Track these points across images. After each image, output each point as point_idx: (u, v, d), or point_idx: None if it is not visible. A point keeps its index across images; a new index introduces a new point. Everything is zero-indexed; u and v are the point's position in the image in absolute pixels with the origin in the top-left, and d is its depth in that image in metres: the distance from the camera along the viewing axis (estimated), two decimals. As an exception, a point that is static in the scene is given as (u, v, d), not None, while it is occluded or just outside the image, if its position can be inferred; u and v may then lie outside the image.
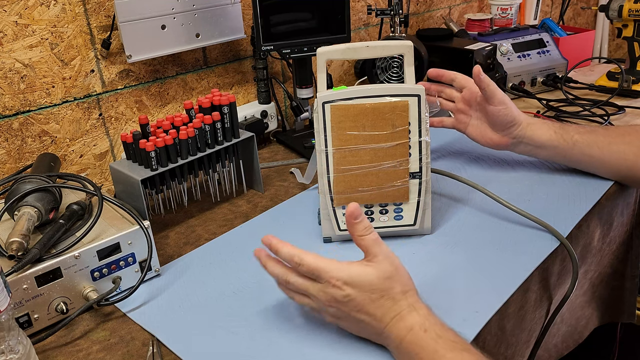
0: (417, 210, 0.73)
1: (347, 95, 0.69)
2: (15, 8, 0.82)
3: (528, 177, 0.89)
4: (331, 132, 0.70)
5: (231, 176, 0.91)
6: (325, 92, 0.69)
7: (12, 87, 0.85)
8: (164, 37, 0.97)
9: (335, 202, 0.72)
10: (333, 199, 0.72)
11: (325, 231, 0.75)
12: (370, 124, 0.69)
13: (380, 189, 0.71)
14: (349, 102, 0.69)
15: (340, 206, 0.72)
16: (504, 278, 0.66)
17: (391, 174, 0.71)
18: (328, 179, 0.71)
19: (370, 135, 0.69)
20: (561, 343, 0.86)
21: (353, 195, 0.71)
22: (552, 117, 1.12)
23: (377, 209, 0.73)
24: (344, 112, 0.69)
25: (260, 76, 1.14)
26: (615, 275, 0.95)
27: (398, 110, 0.69)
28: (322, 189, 0.72)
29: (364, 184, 0.71)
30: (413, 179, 0.71)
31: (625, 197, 0.88)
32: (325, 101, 0.69)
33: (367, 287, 0.54)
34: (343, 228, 0.73)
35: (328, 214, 0.73)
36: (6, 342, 0.49)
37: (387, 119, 0.69)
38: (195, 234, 0.83)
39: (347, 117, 0.69)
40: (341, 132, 0.69)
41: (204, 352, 0.59)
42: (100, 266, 0.66)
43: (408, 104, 0.69)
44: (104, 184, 0.99)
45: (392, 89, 0.69)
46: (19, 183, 0.68)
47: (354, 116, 0.69)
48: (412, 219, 0.73)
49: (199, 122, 0.81)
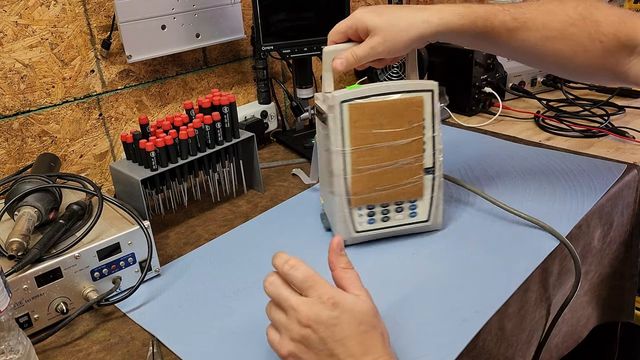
0: (430, 206, 0.73)
1: (365, 94, 0.67)
2: (15, 8, 0.82)
3: (529, 177, 0.89)
4: (349, 132, 0.68)
5: (231, 176, 0.91)
6: (342, 92, 0.67)
7: (12, 87, 0.85)
8: (164, 37, 0.97)
9: (352, 204, 0.70)
10: (350, 200, 0.70)
11: (340, 231, 0.72)
12: (387, 121, 0.68)
13: (397, 186, 0.70)
14: (367, 100, 0.67)
15: (356, 208, 0.71)
16: (504, 278, 0.66)
17: (407, 170, 0.70)
18: (345, 180, 0.69)
19: (387, 132, 0.68)
20: (562, 343, 0.86)
21: (370, 195, 0.70)
22: (552, 117, 1.12)
23: (392, 207, 0.72)
24: (361, 111, 0.67)
25: (260, 76, 1.14)
26: (615, 275, 0.95)
27: (414, 106, 0.68)
28: (338, 190, 0.70)
29: (381, 183, 0.70)
30: (427, 175, 0.71)
31: (625, 197, 0.88)
32: (343, 100, 0.67)
33: (358, 316, 0.49)
34: (359, 230, 0.72)
35: (344, 217, 0.71)
36: (6, 342, 0.49)
37: (403, 115, 0.68)
38: (195, 234, 0.83)
39: (365, 116, 0.67)
40: (358, 131, 0.68)
41: (204, 352, 0.59)
42: (100, 266, 0.66)
43: (423, 99, 0.68)
44: (104, 184, 0.99)
45: (406, 85, 0.68)
46: (19, 183, 0.68)
47: (372, 114, 0.68)
48: (426, 215, 0.73)
49: (199, 122, 0.81)
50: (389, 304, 0.63)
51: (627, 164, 0.91)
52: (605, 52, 0.66)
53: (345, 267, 0.52)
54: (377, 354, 0.48)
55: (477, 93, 1.19)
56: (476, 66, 1.16)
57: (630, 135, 1.01)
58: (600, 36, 0.65)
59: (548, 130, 1.09)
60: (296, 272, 0.50)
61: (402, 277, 0.68)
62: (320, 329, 0.48)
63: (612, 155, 0.96)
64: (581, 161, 0.93)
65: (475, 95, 1.19)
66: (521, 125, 1.14)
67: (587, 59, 0.67)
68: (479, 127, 1.15)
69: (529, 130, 1.11)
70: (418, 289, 0.65)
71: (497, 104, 1.21)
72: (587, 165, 0.92)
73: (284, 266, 0.51)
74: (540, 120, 1.13)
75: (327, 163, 0.71)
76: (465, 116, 1.21)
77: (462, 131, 1.12)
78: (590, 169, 0.90)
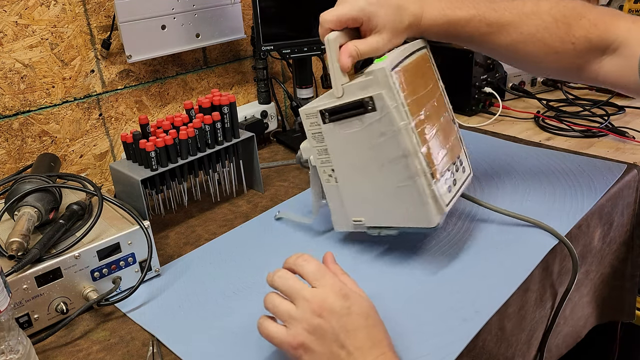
0: (466, 156, 0.72)
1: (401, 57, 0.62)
2: (15, 8, 0.82)
3: (529, 177, 0.89)
4: (406, 101, 0.60)
5: (231, 176, 0.91)
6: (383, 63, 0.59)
7: (12, 87, 0.85)
8: (164, 37, 0.97)
9: (436, 176, 0.61)
10: (433, 173, 0.61)
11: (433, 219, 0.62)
12: (420, 81, 0.64)
13: (450, 144, 0.67)
14: (404, 64, 0.62)
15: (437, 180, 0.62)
16: (504, 278, 0.66)
17: (449, 124, 0.68)
18: (422, 154, 0.60)
19: (427, 91, 0.65)
20: (562, 343, 0.86)
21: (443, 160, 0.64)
22: (552, 117, 1.12)
23: (453, 167, 0.67)
24: (406, 76, 0.61)
25: (260, 76, 1.14)
26: (616, 275, 0.95)
27: (426, 63, 0.68)
28: (418, 169, 0.60)
29: (443, 144, 0.65)
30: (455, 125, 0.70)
31: (625, 197, 0.88)
32: (392, 67, 0.59)
33: (365, 310, 0.51)
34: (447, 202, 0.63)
35: (433, 196, 0.61)
36: (6, 342, 0.49)
37: (425, 73, 0.66)
38: (195, 234, 0.83)
39: (410, 80, 0.61)
40: (411, 97, 0.61)
41: (204, 352, 0.59)
42: (100, 266, 0.66)
43: (428, 53, 0.69)
44: (104, 184, 0.99)
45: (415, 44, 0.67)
46: (19, 183, 0.68)
47: (412, 77, 0.62)
48: (469, 167, 0.72)
49: (199, 122, 0.81)
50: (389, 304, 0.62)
51: (627, 164, 0.91)
52: (576, 53, 0.67)
53: (342, 273, 0.54)
54: (383, 348, 0.49)
55: (477, 93, 1.19)
56: (476, 66, 1.16)
57: (630, 135, 1.01)
58: (571, 38, 0.66)
59: (548, 130, 1.09)
60: (309, 264, 0.52)
61: (402, 277, 0.68)
62: (333, 319, 0.48)
63: (612, 155, 0.96)
64: (581, 161, 0.93)
65: (475, 95, 1.19)
66: (521, 125, 1.14)
67: (558, 59, 0.68)
68: (479, 127, 1.15)
69: (529, 130, 1.11)
70: (418, 289, 0.65)
71: (497, 104, 1.21)
72: (587, 165, 0.92)
73: (297, 259, 0.53)
74: (540, 120, 1.13)
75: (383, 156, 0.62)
76: (465, 116, 1.21)
77: (462, 131, 1.11)
78: (590, 169, 0.90)
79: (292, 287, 0.51)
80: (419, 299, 0.63)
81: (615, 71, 0.67)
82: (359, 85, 0.61)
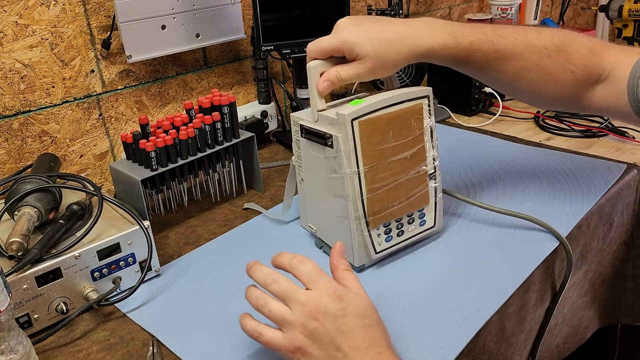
0: (435, 210, 0.72)
1: (374, 108, 0.63)
2: (15, 8, 0.82)
3: (528, 177, 0.89)
4: (361, 150, 0.63)
5: (231, 176, 0.91)
6: (348, 109, 0.63)
7: (12, 87, 0.85)
8: (164, 37, 0.97)
9: (371, 225, 0.66)
10: (369, 222, 0.66)
11: (359, 260, 0.68)
12: (395, 133, 0.65)
13: (409, 198, 0.68)
14: (375, 115, 0.64)
15: (375, 228, 0.67)
16: (504, 278, 0.66)
17: (416, 180, 0.68)
18: (362, 202, 0.65)
19: (397, 144, 0.66)
20: (563, 344, 0.86)
21: (386, 212, 0.67)
22: (552, 117, 1.12)
23: (405, 220, 0.70)
24: (372, 126, 0.63)
25: (260, 76, 1.14)
26: (617, 276, 0.95)
27: (416, 114, 0.67)
28: (354, 214, 0.65)
29: (395, 198, 0.67)
30: (430, 181, 0.70)
31: (625, 197, 0.88)
32: (354, 118, 0.62)
33: (362, 310, 0.50)
34: (379, 250, 0.68)
35: (363, 241, 0.66)
36: (6, 342, 0.49)
37: (408, 124, 0.66)
38: (195, 234, 0.83)
39: (376, 131, 0.64)
40: (371, 149, 0.64)
41: (204, 352, 0.58)
42: (100, 266, 0.66)
43: (422, 106, 0.67)
44: (104, 184, 0.99)
45: (408, 94, 0.66)
46: (19, 183, 0.68)
47: (381, 128, 0.64)
48: (432, 221, 0.72)
49: (199, 122, 0.81)
50: (389, 304, 0.63)
51: (627, 164, 0.91)
52: (574, 82, 0.68)
53: (346, 269, 0.54)
54: (381, 348, 0.49)
55: (477, 93, 1.19)
56: (476, 66, 1.16)
57: (630, 135, 1.01)
58: (571, 66, 0.67)
59: (548, 130, 1.09)
60: (304, 266, 0.52)
61: (401, 277, 0.68)
62: (328, 321, 0.49)
63: (612, 155, 0.96)
64: (581, 161, 0.93)
65: (475, 95, 1.19)
66: (521, 125, 1.14)
67: (556, 87, 0.69)
68: (479, 127, 1.15)
69: (529, 130, 1.11)
70: (418, 289, 0.65)
71: (497, 104, 1.21)
72: (587, 165, 0.92)
73: (292, 260, 0.53)
74: (540, 120, 1.13)
75: (332, 189, 0.67)
76: (465, 116, 1.21)
77: (462, 131, 1.12)
78: (590, 169, 0.90)
79: (287, 291, 0.51)
80: (419, 299, 0.63)
81: (606, 97, 0.69)
82: (329, 120, 0.65)
